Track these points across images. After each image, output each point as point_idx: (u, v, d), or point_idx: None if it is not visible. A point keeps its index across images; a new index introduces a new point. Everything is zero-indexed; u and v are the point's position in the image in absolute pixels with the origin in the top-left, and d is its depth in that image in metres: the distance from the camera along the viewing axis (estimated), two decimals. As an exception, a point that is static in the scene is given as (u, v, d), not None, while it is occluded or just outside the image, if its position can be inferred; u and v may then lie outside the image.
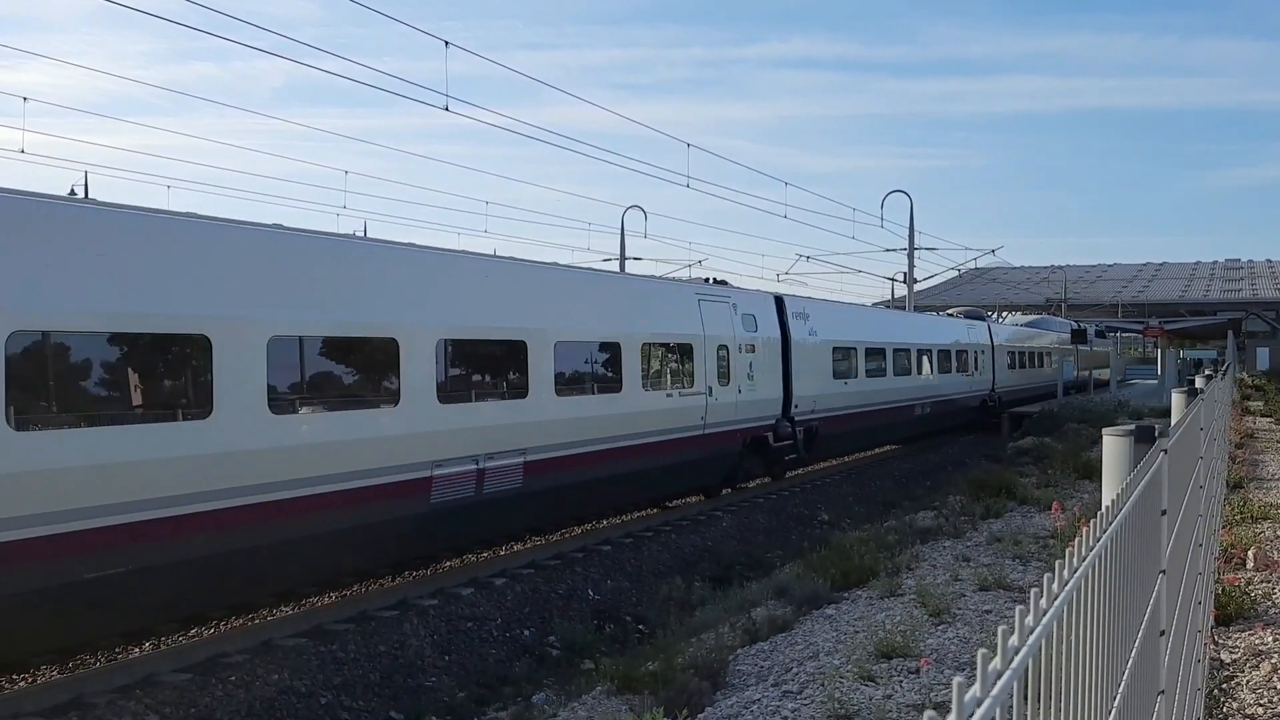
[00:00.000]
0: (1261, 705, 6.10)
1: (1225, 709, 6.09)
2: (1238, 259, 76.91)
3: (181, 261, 9.48)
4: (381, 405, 11.37)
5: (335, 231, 11.92)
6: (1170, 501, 3.77)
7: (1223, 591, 8.00)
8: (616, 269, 37.84)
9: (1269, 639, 7.29)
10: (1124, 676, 2.55)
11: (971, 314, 39.12)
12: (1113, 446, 3.53)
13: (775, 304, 21.57)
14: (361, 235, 19.81)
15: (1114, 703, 2.39)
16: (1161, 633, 3.39)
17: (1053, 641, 1.66)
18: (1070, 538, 2.67)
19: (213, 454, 9.40)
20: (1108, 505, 2.42)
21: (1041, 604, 1.56)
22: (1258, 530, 11.20)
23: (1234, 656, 7.04)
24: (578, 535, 16.28)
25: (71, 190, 28.41)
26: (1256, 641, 7.29)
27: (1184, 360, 52.89)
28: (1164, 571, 3.47)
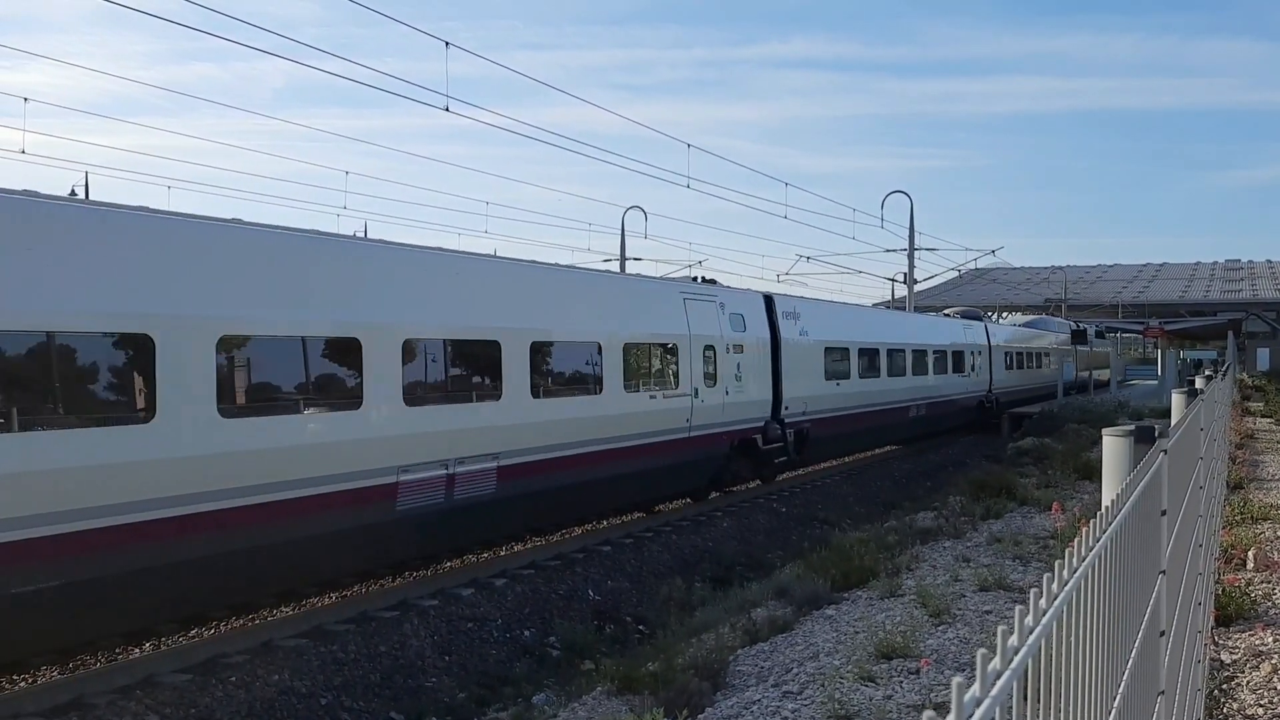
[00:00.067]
0: (1261, 706, 6.10)
1: (1225, 709, 6.09)
2: (1238, 259, 77.01)
3: (128, 258, 8.90)
4: (343, 408, 10.90)
5: (296, 226, 11.25)
6: (1170, 502, 3.77)
7: (1223, 592, 8.01)
8: (617, 269, 37.80)
9: (1269, 639, 7.29)
10: (1124, 677, 2.55)
11: (968, 314, 38.94)
12: (1113, 447, 3.53)
13: (765, 303, 21.07)
14: (362, 236, 19.78)
15: (1114, 703, 2.39)
16: (1161, 633, 3.39)
17: (1052, 642, 1.66)
18: (1070, 538, 2.67)
19: (156, 460, 8.85)
20: (1107, 506, 2.42)
21: (1041, 604, 1.57)
22: (1258, 531, 11.21)
23: (1234, 657, 7.04)
24: (578, 536, 16.27)
25: (72, 191, 28.36)
26: (1256, 642, 7.29)
27: (1184, 361, 52.86)
28: (1164, 572, 3.47)
